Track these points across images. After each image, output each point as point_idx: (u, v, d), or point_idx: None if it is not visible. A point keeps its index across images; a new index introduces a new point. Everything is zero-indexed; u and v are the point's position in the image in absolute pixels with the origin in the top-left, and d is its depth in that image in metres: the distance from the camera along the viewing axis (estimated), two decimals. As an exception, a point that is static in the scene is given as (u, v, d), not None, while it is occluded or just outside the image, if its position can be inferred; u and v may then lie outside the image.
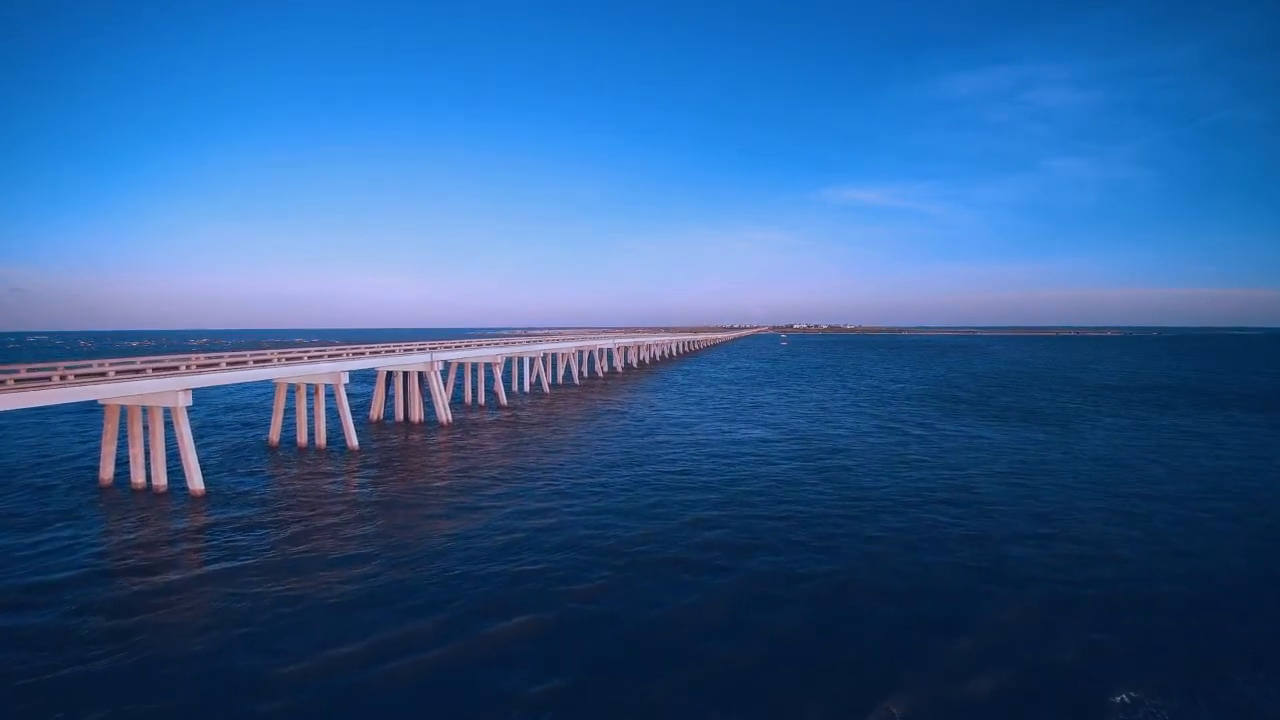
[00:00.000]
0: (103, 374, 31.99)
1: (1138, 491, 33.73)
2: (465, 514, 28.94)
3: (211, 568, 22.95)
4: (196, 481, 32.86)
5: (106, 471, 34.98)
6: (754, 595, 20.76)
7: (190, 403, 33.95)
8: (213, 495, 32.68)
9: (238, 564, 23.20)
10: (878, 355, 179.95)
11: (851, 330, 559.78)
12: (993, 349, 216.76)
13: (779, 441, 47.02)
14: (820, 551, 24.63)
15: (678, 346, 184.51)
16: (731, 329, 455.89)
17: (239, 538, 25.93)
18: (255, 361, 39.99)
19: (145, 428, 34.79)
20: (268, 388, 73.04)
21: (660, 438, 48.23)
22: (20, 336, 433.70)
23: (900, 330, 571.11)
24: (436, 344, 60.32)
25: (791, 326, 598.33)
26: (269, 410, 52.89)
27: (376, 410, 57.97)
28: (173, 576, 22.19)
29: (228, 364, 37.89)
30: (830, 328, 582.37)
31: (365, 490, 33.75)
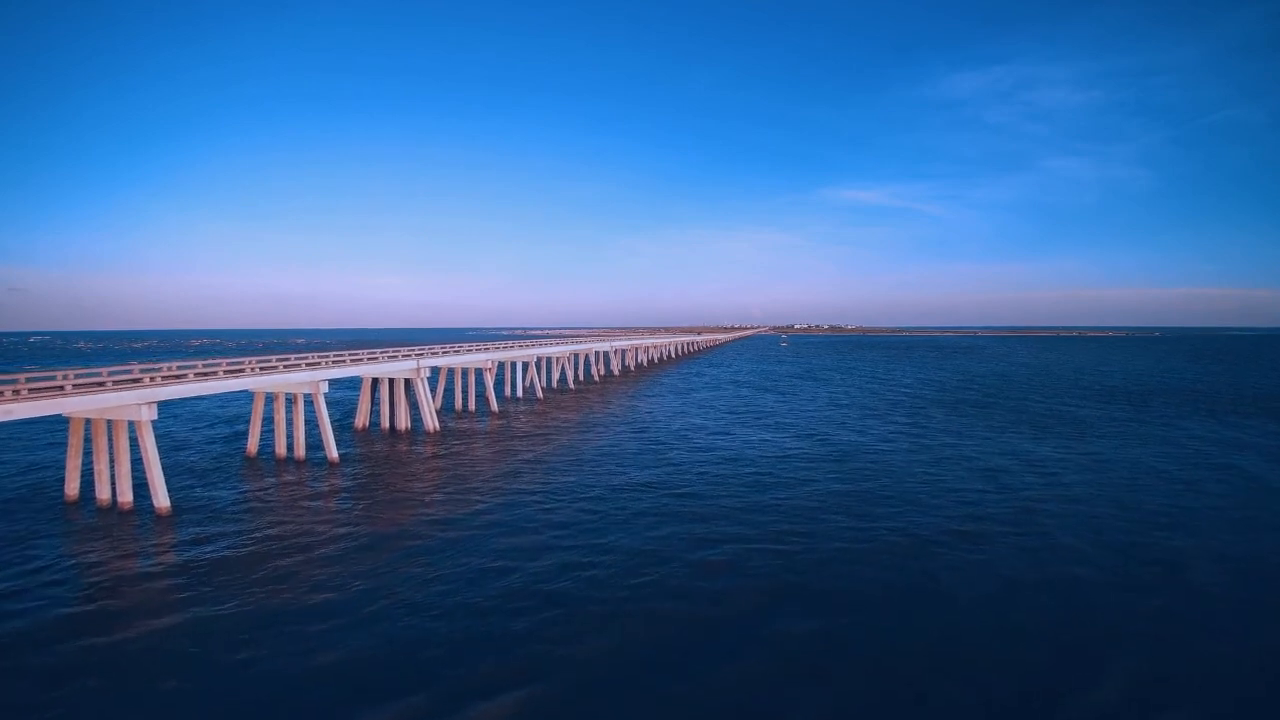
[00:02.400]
0: (60, 387, 29.51)
1: (1217, 519, 30.48)
2: (449, 550, 26.09)
3: (165, 619, 20.14)
4: (162, 499, 30.78)
5: (72, 487, 33.00)
6: (790, 662, 17.68)
7: (155, 416, 31.69)
8: (181, 515, 30.50)
9: (196, 614, 20.45)
10: (882, 356, 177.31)
11: (852, 330, 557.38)
12: (999, 350, 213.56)
13: (796, 458, 43.87)
14: (864, 603, 21.36)
15: (677, 348, 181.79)
16: (732, 329, 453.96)
17: (199, 581, 23.03)
18: (226, 371, 37.21)
19: (112, 440, 32.38)
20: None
21: (662, 453, 45.24)
22: (22, 336, 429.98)
23: (900, 330, 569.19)
24: (424, 349, 57.48)
25: (792, 327, 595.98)
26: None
27: (361, 419, 55.30)
28: (123, 633, 19.42)
29: (196, 374, 35.16)
30: (831, 328, 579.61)
31: (342, 514, 30.96)
